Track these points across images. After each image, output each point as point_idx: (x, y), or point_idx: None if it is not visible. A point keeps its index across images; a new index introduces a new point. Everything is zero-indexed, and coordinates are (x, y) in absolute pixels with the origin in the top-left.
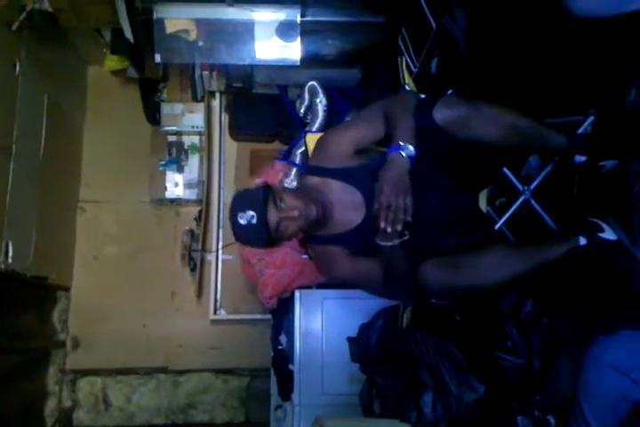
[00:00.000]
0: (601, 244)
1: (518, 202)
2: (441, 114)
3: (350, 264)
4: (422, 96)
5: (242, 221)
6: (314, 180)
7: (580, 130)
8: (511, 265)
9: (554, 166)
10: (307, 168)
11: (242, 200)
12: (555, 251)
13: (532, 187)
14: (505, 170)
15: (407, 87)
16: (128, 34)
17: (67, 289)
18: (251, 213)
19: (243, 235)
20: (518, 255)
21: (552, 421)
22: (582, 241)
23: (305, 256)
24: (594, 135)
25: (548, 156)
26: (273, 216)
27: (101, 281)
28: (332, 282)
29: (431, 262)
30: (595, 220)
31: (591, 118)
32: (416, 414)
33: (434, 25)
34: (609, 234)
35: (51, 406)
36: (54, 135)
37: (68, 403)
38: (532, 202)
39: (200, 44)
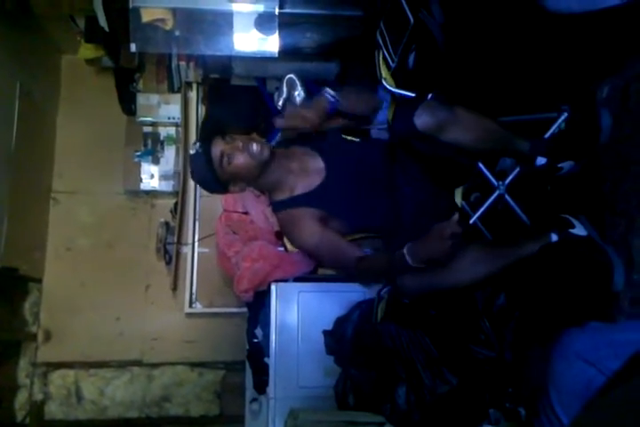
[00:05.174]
0: (572, 240)
1: (493, 197)
2: (421, 119)
3: (320, 229)
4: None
5: (191, 151)
6: (279, 150)
7: (554, 127)
8: (485, 265)
9: (523, 168)
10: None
11: (198, 137)
12: (527, 249)
13: (507, 182)
14: (480, 165)
15: (384, 82)
16: (103, 22)
17: (38, 281)
18: (198, 144)
19: (191, 168)
20: (492, 255)
21: (523, 412)
22: (554, 238)
23: (281, 248)
24: (556, 137)
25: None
26: (217, 147)
27: (74, 273)
28: (299, 248)
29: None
30: (566, 216)
31: (564, 115)
32: (390, 407)
33: (411, 19)
34: (579, 230)
35: (21, 399)
36: (27, 125)
37: (39, 396)
38: (507, 197)
39: (177, 33)
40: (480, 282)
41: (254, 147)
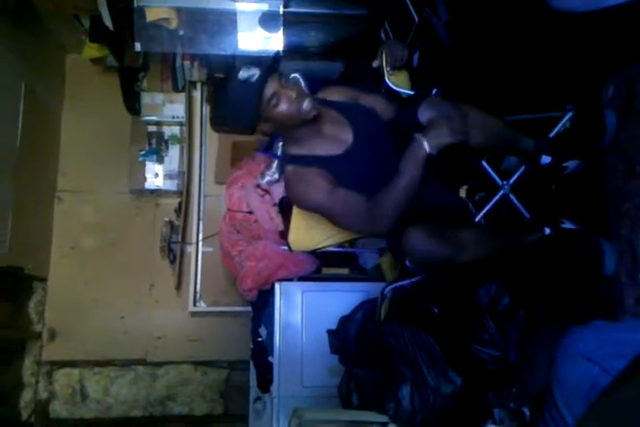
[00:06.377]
0: (563, 232)
1: (497, 196)
2: (425, 115)
3: (330, 188)
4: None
5: (242, 74)
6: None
7: (559, 126)
8: (488, 244)
9: (528, 167)
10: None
11: (252, 63)
12: (525, 238)
13: (511, 182)
14: (484, 164)
15: (388, 81)
16: (107, 21)
17: (43, 280)
18: (255, 70)
19: (233, 94)
20: (495, 237)
21: (527, 412)
22: (547, 231)
23: (284, 247)
24: (561, 136)
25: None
26: (272, 85)
27: (79, 272)
28: (303, 208)
29: (420, 228)
30: (557, 217)
31: (569, 114)
32: (394, 406)
33: (416, 18)
34: (569, 225)
35: (26, 397)
36: (31, 124)
37: (44, 395)
38: (511, 197)
39: (181, 33)
40: (477, 261)
41: (305, 103)
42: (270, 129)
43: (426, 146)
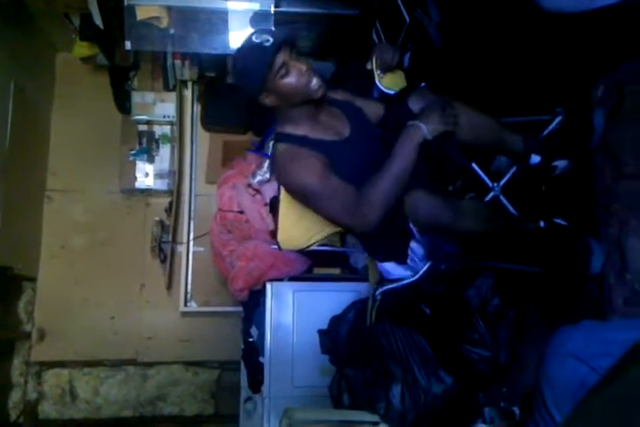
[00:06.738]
0: (556, 227)
1: (488, 198)
2: (416, 105)
3: (323, 170)
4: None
5: (254, 38)
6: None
7: (548, 129)
8: (487, 217)
9: (519, 167)
10: None
11: (267, 29)
12: (521, 224)
13: (502, 183)
14: (474, 166)
15: (378, 82)
16: (97, 20)
17: (33, 280)
18: (268, 37)
19: (242, 56)
20: (495, 215)
21: (517, 412)
22: (541, 223)
23: (275, 247)
24: (550, 135)
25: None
26: (283, 56)
27: (69, 272)
28: (291, 189)
29: (422, 190)
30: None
31: (559, 118)
32: (385, 406)
33: (407, 18)
34: (561, 221)
35: (15, 398)
36: (21, 123)
37: (33, 395)
38: (502, 198)
39: (172, 31)
40: (476, 234)
41: (314, 80)
42: (272, 102)
43: (424, 129)
